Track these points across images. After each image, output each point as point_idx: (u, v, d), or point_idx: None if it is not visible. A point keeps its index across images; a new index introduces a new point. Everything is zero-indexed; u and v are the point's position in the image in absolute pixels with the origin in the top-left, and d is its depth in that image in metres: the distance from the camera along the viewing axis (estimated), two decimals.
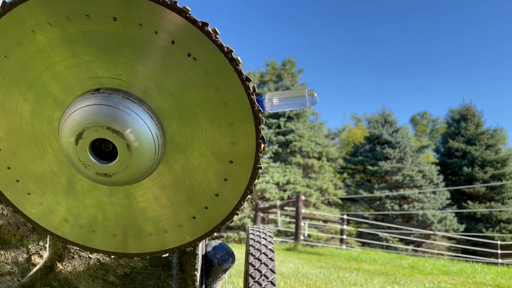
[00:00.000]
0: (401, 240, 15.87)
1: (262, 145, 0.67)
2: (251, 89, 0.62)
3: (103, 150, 0.66)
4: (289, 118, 19.25)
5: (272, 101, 0.69)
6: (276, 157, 18.84)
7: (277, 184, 17.56)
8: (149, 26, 0.58)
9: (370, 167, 18.20)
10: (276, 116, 19.88)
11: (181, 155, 0.69)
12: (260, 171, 0.70)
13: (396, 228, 14.67)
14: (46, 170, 0.73)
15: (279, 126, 19.15)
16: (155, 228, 0.77)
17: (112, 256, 0.84)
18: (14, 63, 0.63)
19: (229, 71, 0.61)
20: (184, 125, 0.66)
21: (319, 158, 19.32)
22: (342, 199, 18.75)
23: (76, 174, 0.72)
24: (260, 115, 0.64)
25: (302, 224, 9.11)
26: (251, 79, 0.62)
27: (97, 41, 0.60)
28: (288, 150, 18.66)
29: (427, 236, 15.90)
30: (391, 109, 31.24)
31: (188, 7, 0.57)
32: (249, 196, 0.71)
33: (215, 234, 0.77)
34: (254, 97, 0.63)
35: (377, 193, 16.93)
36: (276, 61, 23.36)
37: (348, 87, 53.57)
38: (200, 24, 0.58)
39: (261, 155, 0.67)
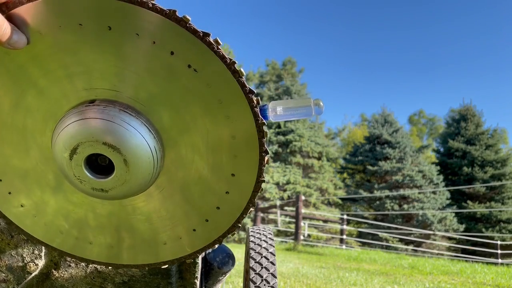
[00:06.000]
0: (401, 240, 15.87)
1: (266, 158, 0.65)
2: (255, 101, 0.60)
3: (99, 164, 0.63)
4: None
5: (276, 111, 0.66)
6: (276, 157, 18.84)
7: (277, 184, 17.55)
8: (147, 36, 0.55)
9: (370, 167, 18.19)
10: None
11: (181, 168, 0.67)
12: (263, 184, 0.68)
13: (396, 228, 14.66)
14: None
15: (279, 126, 19.15)
16: (153, 240, 0.75)
17: (110, 268, 0.83)
18: (2, 73, 0.60)
19: (232, 83, 0.58)
20: (184, 137, 0.64)
21: (319, 158, 19.31)
22: (342, 199, 18.74)
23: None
24: (265, 128, 0.62)
25: (302, 224, 9.11)
26: (255, 91, 0.60)
27: (90, 51, 0.57)
28: (288, 150, 18.65)
29: (427, 236, 15.89)
30: (391, 110, 31.23)
31: (188, 17, 0.54)
32: (251, 209, 0.69)
33: (216, 246, 0.75)
34: (257, 110, 0.60)
35: (377, 193, 16.92)
36: (276, 61, 23.36)
37: (349, 87, 53.58)
38: (201, 34, 0.55)
39: (264, 168, 0.65)
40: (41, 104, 0.63)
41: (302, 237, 9.02)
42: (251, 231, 1.08)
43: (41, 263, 0.95)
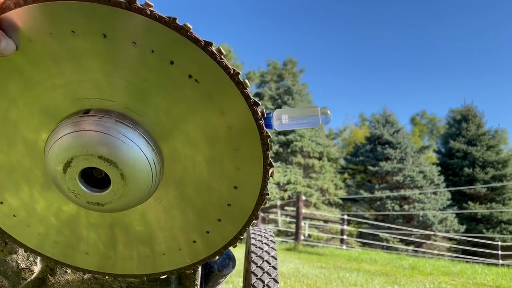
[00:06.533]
0: (401, 241, 15.85)
1: (270, 171, 0.62)
2: (259, 113, 0.57)
3: (95, 177, 0.60)
4: None
5: (281, 119, 0.63)
6: (276, 157, 18.84)
7: (278, 184, 17.55)
8: (144, 45, 0.52)
9: (371, 168, 18.18)
10: None
11: (182, 180, 0.65)
12: (267, 196, 0.65)
13: (397, 229, 14.64)
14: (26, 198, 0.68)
15: None
16: (152, 251, 0.73)
17: (107, 277, 0.81)
18: None
19: (235, 94, 0.55)
20: (185, 149, 0.62)
21: (320, 158, 19.30)
22: (342, 199, 18.73)
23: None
24: (269, 141, 0.59)
25: (302, 224, 9.10)
26: (260, 103, 0.57)
27: (84, 59, 0.54)
28: (289, 150, 18.65)
29: (428, 237, 15.88)
30: (392, 110, 31.20)
31: (189, 25, 0.51)
32: (254, 221, 0.67)
33: (217, 257, 0.72)
34: (262, 122, 0.58)
35: (378, 194, 16.93)
36: (277, 61, 23.35)
37: (350, 87, 53.57)
38: (202, 43, 0.52)
39: (268, 180, 0.63)
40: (31, 115, 0.60)
41: (302, 237, 9.02)
42: (252, 233, 1.06)
43: (36, 269, 0.93)
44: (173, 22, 0.51)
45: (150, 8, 0.50)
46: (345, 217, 10.42)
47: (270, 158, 0.61)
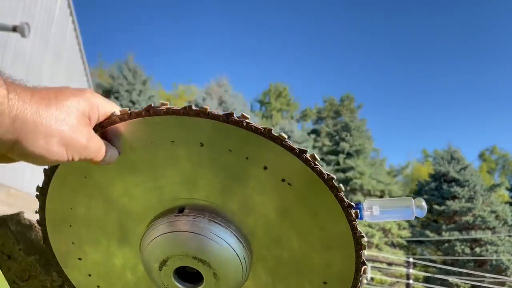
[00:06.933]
0: (473, 287, 14.75)
1: (363, 268, 0.62)
2: (353, 215, 0.58)
3: (187, 271, 0.63)
4: (349, 155, 18.95)
5: (372, 210, 0.63)
6: None
7: None
8: (240, 152, 0.56)
9: (436, 207, 17.26)
10: (335, 152, 19.54)
11: (270, 275, 0.67)
12: None
13: (468, 274, 13.66)
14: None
15: (338, 163, 18.83)
16: None
17: None
18: (94, 183, 0.62)
19: (329, 198, 0.57)
20: (274, 246, 0.64)
21: (381, 197, 18.68)
22: (407, 240, 17.86)
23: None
24: (363, 241, 0.60)
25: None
26: (354, 205, 0.58)
27: (182, 164, 0.58)
28: (349, 188, 18.23)
29: (503, 283, 14.66)
30: (458, 145, 29.74)
31: (284, 135, 0.54)
32: None
33: None
34: (356, 223, 0.58)
35: (446, 235, 15.98)
36: (334, 96, 23.33)
37: (411, 121, 52.04)
38: (297, 151, 0.55)
39: (361, 278, 0.63)
40: (129, 208, 0.65)
41: (365, 281, 8.64)
42: None
43: None
44: (268, 133, 0.54)
45: (247, 120, 0.54)
46: (411, 259, 9.90)
47: (363, 257, 0.61)
